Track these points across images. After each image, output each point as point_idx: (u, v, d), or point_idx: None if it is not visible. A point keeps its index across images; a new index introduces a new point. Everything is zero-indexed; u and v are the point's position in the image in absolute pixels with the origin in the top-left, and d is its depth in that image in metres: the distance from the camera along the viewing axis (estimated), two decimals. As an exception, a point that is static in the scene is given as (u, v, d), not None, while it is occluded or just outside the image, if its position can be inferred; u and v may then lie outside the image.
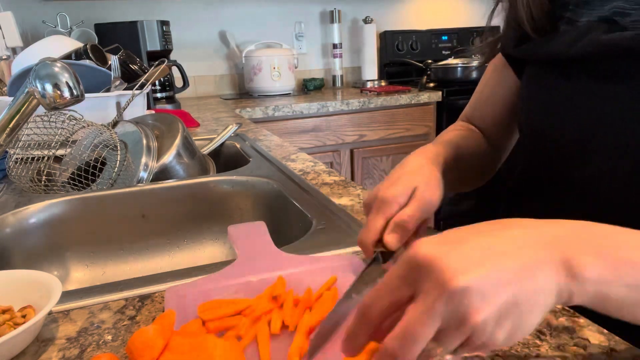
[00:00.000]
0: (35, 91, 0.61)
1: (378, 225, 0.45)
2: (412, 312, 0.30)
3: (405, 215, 0.45)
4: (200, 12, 2.33)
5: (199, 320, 0.41)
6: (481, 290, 0.29)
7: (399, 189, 0.47)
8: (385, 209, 0.46)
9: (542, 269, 0.30)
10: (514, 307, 0.29)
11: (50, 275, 0.46)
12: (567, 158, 0.54)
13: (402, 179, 0.48)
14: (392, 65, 2.58)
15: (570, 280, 0.30)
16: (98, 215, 0.80)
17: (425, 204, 0.46)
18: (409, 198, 0.47)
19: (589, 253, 0.31)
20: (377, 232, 0.45)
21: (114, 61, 1.13)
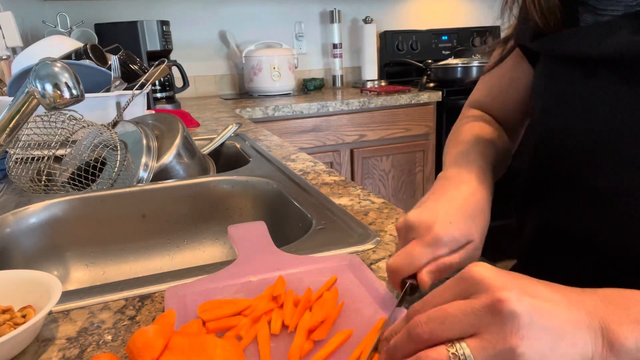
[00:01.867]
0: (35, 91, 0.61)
1: (422, 262, 0.43)
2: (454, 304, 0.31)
3: (451, 263, 0.43)
4: (200, 12, 2.33)
5: (199, 320, 0.41)
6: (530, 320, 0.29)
7: (458, 234, 0.44)
8: (436, 248, 0.43)
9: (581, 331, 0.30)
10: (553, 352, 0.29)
11: (50, 275, 0.46)
12: (583, 164, 0.50)
13: (464, 223, 0.45)
14: (392, 65, 2.58)
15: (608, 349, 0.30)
16: (98, 215, 0.80)
17: (472, 260, 0.44)
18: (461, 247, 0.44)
19: (625, 321, 0.30)
20: (418, 268, 0.43)
21: (114, 61, 1.13)
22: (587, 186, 0.51)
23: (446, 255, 0.43)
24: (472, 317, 0.30)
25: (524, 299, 0.29)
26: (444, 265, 0.43)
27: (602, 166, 0.49)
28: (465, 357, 0.29)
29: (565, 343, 0.29)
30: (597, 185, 0.49)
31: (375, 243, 0.58)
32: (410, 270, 0.43)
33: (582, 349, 0.30)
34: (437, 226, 0.43)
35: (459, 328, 0.30)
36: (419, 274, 0.42)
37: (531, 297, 0.30)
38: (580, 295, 0.32)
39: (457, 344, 0.29)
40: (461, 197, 0.47)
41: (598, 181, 0.49)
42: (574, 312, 0.30)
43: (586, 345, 0.30)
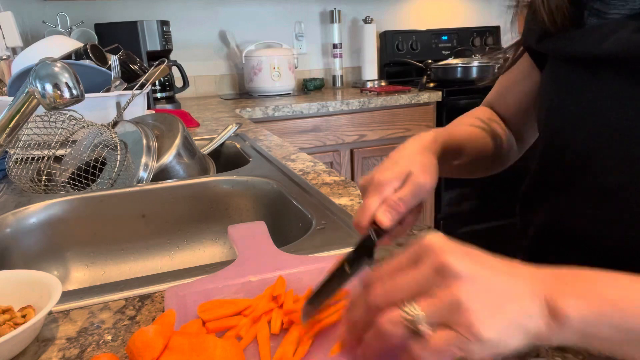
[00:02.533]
0: (35, 91, 0.61)
1: (373, 206, 0.46)
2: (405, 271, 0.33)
3: (397, 196, 0.47)
4: (200, 12, 2.33)
5: (199, 320, 0.41)
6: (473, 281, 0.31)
7: (394, 172, 0.48)
8: (380, 190, 0.47)
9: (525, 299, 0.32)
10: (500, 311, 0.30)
11: (50, 275, 0.46)
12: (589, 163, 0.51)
13: (399, 163, 0.49)
14: (392, 65, 2.58)
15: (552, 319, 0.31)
16: (98, 215, 0.80)
17: (418, 187, 0.48)
18: (404, 182, 0.48)
19: (571, 295, 0.32)
20: (372, 212, 0.46)
21: (114, 61, 1.13)
22: (593, 185, 0.51)
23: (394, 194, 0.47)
24: (420, 279, 0.32)
25: (467, 263, 0.31)
26: (393, 202, 0.46)
27: (608, 165, 0.49)
28: (417, 314, 0.31)
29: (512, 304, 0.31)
30: (603, 183, 0.50)
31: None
32: (367, 217, 0.46)
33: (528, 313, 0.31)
34: (375, 175, 0.48)
35: (408, 291, 0.32)
36: (375, 217, 0.46)
37: (475, 263, 0.32)
38: (530, 270, 0.34)
39: (409, 304, 0.31)
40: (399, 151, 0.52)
41: (604, 180, 0.50)
42: (519, 279, 0.32)
43: (531, 311, 0.31)
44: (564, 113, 0.54)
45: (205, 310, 0.42)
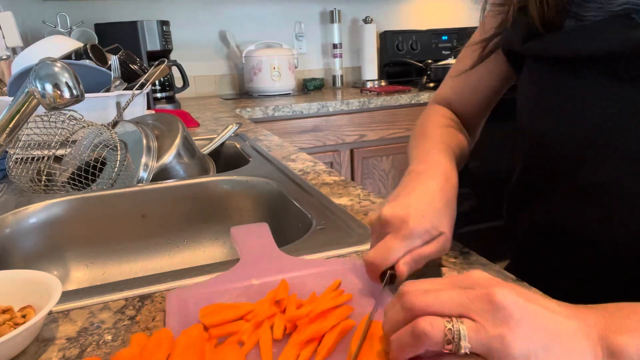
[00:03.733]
0: (35, 91, 0.61)
1: (399, 255, 0.44)
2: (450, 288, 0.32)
3: (425, 254, 0.45)
4: (200, 12, 2.33)
5: (200, 325, 0.41)
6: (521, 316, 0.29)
7: (429, 226, 0.46)
8: (411, 241, 0.45)
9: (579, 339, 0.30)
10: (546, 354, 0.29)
11: (50, 275, 0.46)
12: (575, 162, 0.51)
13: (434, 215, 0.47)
14: (392, 65, 2.58)
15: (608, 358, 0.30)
16: (98, 215, 0.80)
17: (442, 250, 0.47)
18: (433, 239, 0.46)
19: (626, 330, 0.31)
20: (395, 261, 0.44)
21: (114, 61, 1.13)
22: (582, 182, 0.52)
23: (420, 247, 0.45)
24: (465, 300, 0.31)
25: (516, 298, 0.30)
26: (419, 257, 0.45)
27: (594, 162, 0.50)
28: (460, 334, 0.29)
29: (560, 347, 0.29)
30: (589, 181, 0.51)
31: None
32: (388, 262, 0.44)
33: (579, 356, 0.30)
34: (411, 220, 0.45)
35: (450, 306, 0.31)
36: (397, 265, 0.44)
37: (525, 299, 0.30)
38: (579, 309, 0.32)
39: (455, 320, 0.30)
40: (430, 193, 0.49)
41: (593, 177, 0.50)
42: (572, 321, 0.31)
43: (583, 353, 0.30)
44: (549, 113, 0.54)
45: (207, 315, 0.42)
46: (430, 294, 0.32)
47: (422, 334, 0.30)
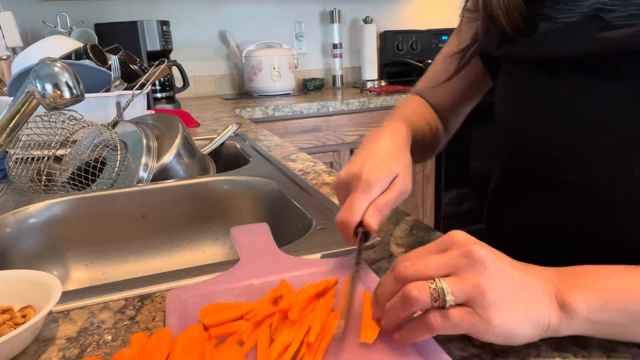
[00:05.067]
0: (35, 91, 0.61)
1: (363, 208, 0.47)
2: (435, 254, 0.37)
3: (386, 200, 0.48)
4: (200, 12, 2.33)
5: (200, 325, 0.41)
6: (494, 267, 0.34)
7: (383, 173, 0.49)
8: (370, 191, 0.48)
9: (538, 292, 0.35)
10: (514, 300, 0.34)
11: (50, 275, 0.46)
12: (555, 160, 0.52)
13: (386, 163, 0.50)
14: (392, 65, 2.58)
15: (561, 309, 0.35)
16: (98, 215, 0.80)
17: (403, 192, 0.50)
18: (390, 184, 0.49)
19: (577, 288, 0.36)
20: (361, 214, 0.47)
21: (114, 61, 1.13)
22: (559, 182, 0.53)
23: (380, 195, 0.48)
24: (449, 261, 0.35)
25: (490, 253, 0.35)
26: (381, 205, 0.47)
27: (572, 161, 0.50)
28: (443, 289, 0.34)
29: (527, 296, 0.34)
30: (568, 179, 0.52)
31: (374, 243, 0.58)
32: (355, 218, 0.47)
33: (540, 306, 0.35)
34: (364, 173, 0.48)
35: (437, 269, 0.35)
36: (364, 220, 0.47)
37: (497, 257, 0.36)
38: (538, 268, 0.38)
39: (437, 279, 0.35)
40: (379, 146, 0.52)
41: (569, 175, 0.51)
42: (532, 277, 0.36)
43: (543, 304, 0.35)
44: (527, 114, 0.55)
45: (207, 315, 0.42)
46: (418, 262, 0.36)
47: (412, 299, 0.34)
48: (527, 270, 0.37)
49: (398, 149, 0.53)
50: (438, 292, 0.34)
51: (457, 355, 0.38)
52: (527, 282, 0.35)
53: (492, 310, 0.33)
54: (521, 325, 0.34)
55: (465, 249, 0.35)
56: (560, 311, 0.35)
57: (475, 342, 0.39)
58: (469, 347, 0.39)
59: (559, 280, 0.36)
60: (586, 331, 0.36)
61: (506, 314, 0.33)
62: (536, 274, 0.37)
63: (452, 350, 0.38)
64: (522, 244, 0.61)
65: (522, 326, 0.34)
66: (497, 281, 0.34)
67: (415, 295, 0.34)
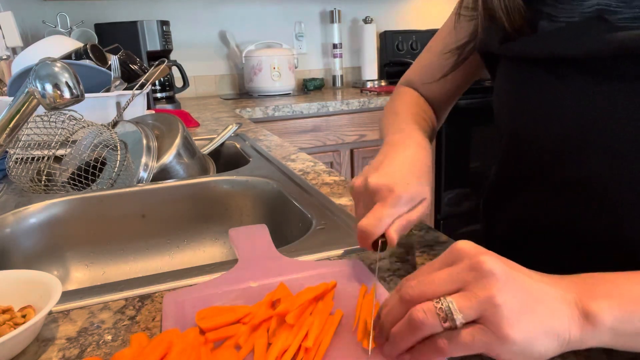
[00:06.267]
0: (35, 91, 0.61)
1: (390, 221, 0.47)
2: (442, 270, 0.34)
3: (411, 219, 0.48)
4: (200, 12, 2.33)
5: (196, 328, 0.40)
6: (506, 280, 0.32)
7: (414, 193, 0.49)
8: (399, 207, 0.48)
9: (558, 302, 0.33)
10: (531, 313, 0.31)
11: (50, 275, 0.46)
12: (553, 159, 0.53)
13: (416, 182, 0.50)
14: (392, 65, 2.58)
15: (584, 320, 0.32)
16: (98, 215, 0.80)
17: (424, 214, 0.50)
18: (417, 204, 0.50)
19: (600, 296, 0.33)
20: (387, 227, 0.47)
21: (114, 61, 1.13)
22: (558, 180, 0.53)
23: (406, 213, 0.48)
24: (455, 276, 0.33)
25: (501, 264, 0.33)
26: (406, 222, 0.48)
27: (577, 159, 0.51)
28: (450, 307, 0.32)
29: (544, 308, 0.32)
30: (567, 178, 0.52)
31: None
32: (380, 230, 0.47)
33: (559, 317, 0.32)
34: (397, 188, 0.48)
35: (444, 287, 0.33)
36: (387, 232, 0.47)
37: (509, 266, 0.33)
38: (553, 278, 0.35)
39: (443, 298, 0.32)
40: (409, 161, 0.53)
41: (573, 173, 0.51)
42: (550, 287, 0.33)
43: (563, 315, 0.32)
44: (527, 112, 0.55)
45: (204, 318, 0.42)
46: (424, 280, 0.34)
47: (418, 323, 0.32)
48: (543, 279, 0.34)
49: (426, 167, 0.54)
50: (445, 312, 0.32)
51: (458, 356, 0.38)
52: (544, 292, 0.33)
53: (507, 325, 0.30)
54: (540, 340, 0.31)
55: (472, 261, 0.33)
56: (583, 321, 0.32)
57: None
58: (469, 347, 0.38)
59: (579, 288, 0.34)
60: (610, 342, 0.33)
61: (523, 328, 0.31)
62: (554, 282, 0.34)
63: (452, 350, 0.38)
64: (518, 242, 0.61)
65: (542, 341, 0.31)
66: (511, 293, 0.31)
67: (422, 318, 0.32)
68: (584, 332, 0.32)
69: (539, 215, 0.57)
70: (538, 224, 0.57)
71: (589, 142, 0.49)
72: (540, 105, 0.53)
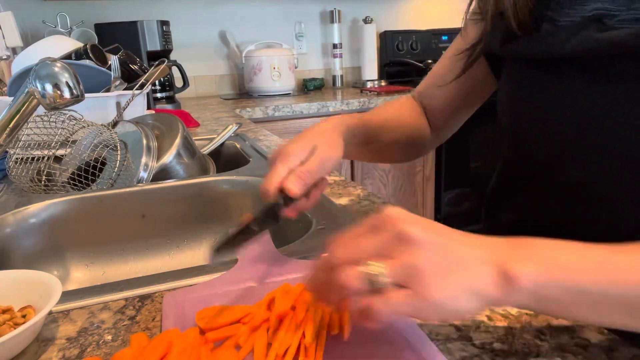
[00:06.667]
0: (35, 91, 0.61)
1: (281, 174, 0.50)
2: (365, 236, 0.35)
3: (306, 168, 0.51)
4: (200, 12, 2.33)
5: (196, 328, 0.40)
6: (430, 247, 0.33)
7: (301, 145, 0.53)
8: (287, 160, 0.51)
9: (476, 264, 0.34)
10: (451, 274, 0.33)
11: (50, 275, 0.46)
12: (555, 159, 0.53)
13: (306, 138, 0.54)
14: (392, 65, 2.58)
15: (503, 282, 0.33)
16: (98, 215, 0.80)
17: (322, 160, 0.52)
18: (310, 154, 0.52)
19: (522, 259, 0.33)
20: (279, 180, 0.50)
21: (114, 61, 1.13)
22: (560, 179, 0.53)
23: (302, 165, 0.51)
24: (380, 242, 0.34)
25: (426, 232, 0.34)
26: (300, 172, 0.51)
27: (573, 159, 0.51)
28: (377, 272, 0.33)
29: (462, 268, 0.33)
30: (569, 176, 0.52)
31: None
32: (274, 183, 0.50)
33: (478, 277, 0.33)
34: (284, 147, 0.53)
35: (368, 252, 0.34)
36: (283, 185, 0.50)
37: (433, 232, 0.34)
38: (486, 239, 0.36)
39: (370, 263, 0.33)
40: (307, 130, 0.57)
41: (575, 173, 0.51)
42: (471, 248, 0.35)
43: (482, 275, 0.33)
44: (529, 112, 0.55)
45: (204, 318, 0.42)
46: (349, 245, 0.35)
47: (340, 286, 0.33)
48: (469, 241, 0.35)
49: (323, 129, 0.57)
50: (371, 275, 0.33)
51: (458, 356, 0.38)
52: (465, 254, 0.34)
53: (430, 287, 0.32)
54: (462, 298, 0.33)
55: (397, 230, 0.34)
56: (501, 282, 0.33)
57: (476, 342, 0.39)
58: (469, 346, 0.39)
59: (505, 250, 0.34)
60: (532, 305, 0.34)
61: (444, 289, 0.32)
62: (479, 244, 0.35)
63: (453, 350, 0.38)
64: None
65: (464, 299, 0.33)
66: (433, 258, 0.33)
67: (343, 281, 0.33)
68: (502, 291, 0.33)
69: (540, 215, 0.57)
70: (538, 223, 0.57)
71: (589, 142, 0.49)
72: (540, 105, 0.54)
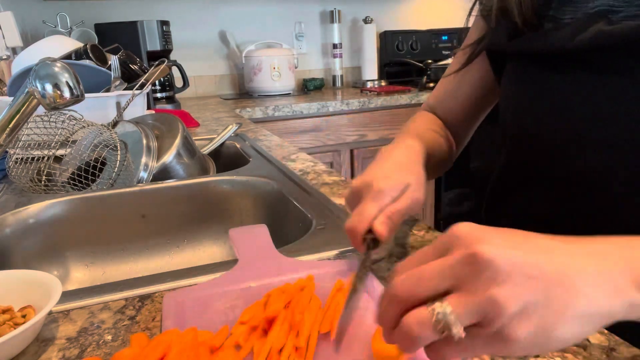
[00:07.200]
0: (35, 91, 0.61)
1: (372, 214, 0.46)
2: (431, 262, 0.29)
3: (396, 208, 0.47)
4: (200, 12, 2.33)
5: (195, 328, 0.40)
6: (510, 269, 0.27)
7: (394, 182, 0.49)
8: (380, 199, 0.47)
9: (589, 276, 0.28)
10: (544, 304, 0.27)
11: (50, 275, 0.46)
12: (558, 154, 0.53)
13: (397, 174, 0.50)
14: (392, 65, 2.58)
15: None
16: (98, 215, 0.80)
17: (414, 202, 0.49)
18: (401, 193, 0.49)
19: None
20: (370, 221, 0.46)
21: (114, 61, 1.13)
22: (561, 175, 0.53)
23: (391, 204, 0.48)
24: (447, 272, 0.28)
25: (502, 250, 0.27)
26: (391, 213, 0.47)
27: (582, 153, 0.51)
28: (446, 314, 0.27)
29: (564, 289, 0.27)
30: (570, 172, 0.52)
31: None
32: (364, 225, 0.46)
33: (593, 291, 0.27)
34: (376, 182, 0.48)
35: (434, 284, 0.28)
36: (373, 227, 0.46)
37: (513, 248, 0.28)
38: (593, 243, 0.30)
39: (437, 302, 0.28)
40: (392, 158, 0.53)
41: (571, 169, 0.52)
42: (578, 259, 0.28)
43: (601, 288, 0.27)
44: (533, 108, 0.55)
45: None
46: (411, 276, 0.29)
47: (413, 336, 0.28)
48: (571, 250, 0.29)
49: (410, 161, 0.53)
50: (441, 323, 0.27)
51: (457, 355, 0.38)
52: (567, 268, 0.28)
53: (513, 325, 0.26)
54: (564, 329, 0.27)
55: (468, 252, 0.28)
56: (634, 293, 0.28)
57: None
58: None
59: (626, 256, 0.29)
60: None
61: (534, 323, 0.27)
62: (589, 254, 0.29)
63: (452, 350, 0.38)
64: None
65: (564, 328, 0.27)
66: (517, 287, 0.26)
67: (415, 330, 0.28)
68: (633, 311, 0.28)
69: (542, 210, 0.57)
70: (539, 219, 0.57)
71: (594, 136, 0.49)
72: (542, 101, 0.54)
